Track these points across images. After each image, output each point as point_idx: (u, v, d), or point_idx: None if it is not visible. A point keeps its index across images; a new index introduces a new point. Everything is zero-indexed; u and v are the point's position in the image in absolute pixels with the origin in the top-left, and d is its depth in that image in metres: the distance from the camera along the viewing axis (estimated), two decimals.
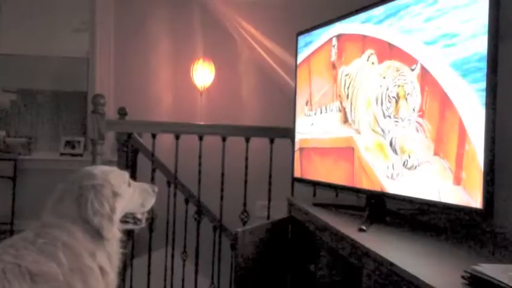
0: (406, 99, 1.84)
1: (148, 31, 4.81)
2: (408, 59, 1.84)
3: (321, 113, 2.44)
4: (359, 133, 2.14)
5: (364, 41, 2.11)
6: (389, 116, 1.93)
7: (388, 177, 1.94)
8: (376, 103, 2.00)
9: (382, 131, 1.99)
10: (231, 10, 4.65)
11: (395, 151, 1.90)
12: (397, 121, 1.89)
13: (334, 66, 2.34)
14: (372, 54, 2.04)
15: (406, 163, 1.84)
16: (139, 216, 1.82)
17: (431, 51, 1.75)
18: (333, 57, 2.35)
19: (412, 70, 1.82)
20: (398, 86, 1.88)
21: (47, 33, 4.99)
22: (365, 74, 2.10)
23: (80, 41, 5.01)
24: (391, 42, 1.94)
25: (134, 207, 1.78)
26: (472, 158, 1.56)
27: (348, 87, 2.21)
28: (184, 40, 4.81)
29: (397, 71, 1.89)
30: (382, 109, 1.97)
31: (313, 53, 2.53)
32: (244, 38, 4.69)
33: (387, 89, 1.93)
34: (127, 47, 4.78)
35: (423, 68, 1.77)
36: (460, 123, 1.61)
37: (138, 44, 4.79)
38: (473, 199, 1.56)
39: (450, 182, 1.65)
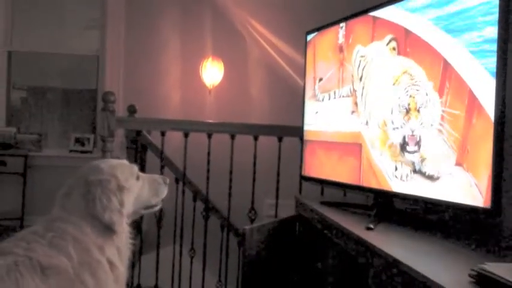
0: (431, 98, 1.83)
1: (158, 29, 4.84)
2: (431, 52, 1.75)
3: (329, 99, 2.39)
4: (367, 126, 2.10)
5: (378, 24, 2.04)
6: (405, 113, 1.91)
7: (398, 179, 1.92)
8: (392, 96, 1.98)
9: (393, 126, 1.93)
10: (240, 9, 4.66)
11: (407, 151, 1.88)
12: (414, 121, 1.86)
13: (341, 49, 2.31)
14: (392, 39, 1.95)
15: (422, 170, 1.79)
16: (153, 203, 1.81)
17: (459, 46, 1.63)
18: (340, 40, 2.31)
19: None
20: (413, 95, 1.86)
21: (57, 30, 5.03)
22: (383, 59, 2.01)
23: (90, 39, 5.05)
24: (413, 31, 1.84)
25: (146, 199, 1.77)
26: None
27: (363, 69, 2.13)
28: (193, 39, 4.84)
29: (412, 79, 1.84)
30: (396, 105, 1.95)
31: (318, 35, 2.53)
32: (253, 37, 4.70)
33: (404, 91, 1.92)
34: (137, 45, 4.82)
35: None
36: None
37: (148, 42, 4.82)
38: None
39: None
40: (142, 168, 3.69)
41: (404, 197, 1.91)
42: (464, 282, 1.20)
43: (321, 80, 2.47)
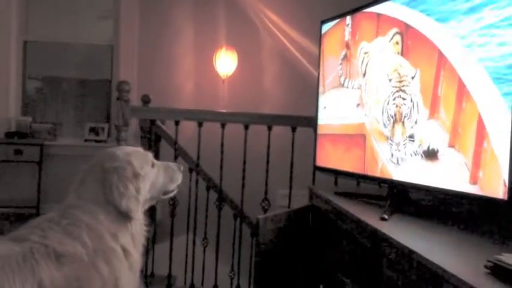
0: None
1: (172, 19, 4.83)
2: (433, 49, 1.77)
3: (345, 86, 2.43)
4: (368, 118, 2.16)
5: (381, 20, 2.07)
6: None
7: (396, 165, 1.93)
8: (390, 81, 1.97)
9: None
10: None
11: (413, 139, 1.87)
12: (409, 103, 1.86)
13: (348, 46, 2.33)
14: (396, 33, 1.97)
15: (423, 155, 1.81)
16: (170, 189, 1.81)
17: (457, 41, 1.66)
18: (347, 37, 2.34)
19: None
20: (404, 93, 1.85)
21: (71, 20, 5.04)
22: (385, 55, 2.05)
23: (104, 29, 5.06)
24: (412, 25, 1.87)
25: (162, 186, 1.77)
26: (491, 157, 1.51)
27: (367, 65, 2.18)
28: (207, 28, 4.83)
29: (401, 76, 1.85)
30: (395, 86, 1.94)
31: (326, 33, 2.55)
32: (267, 27, 4.68)
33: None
34: (151, 35, 4.82)
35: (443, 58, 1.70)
36: (480, 120, 1.55)
37: (161, 31, 4.82)
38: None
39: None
40: (156, 158, 3.69)
41: (418, 187, 1.89)
42: (480, 273, 1.19)
43: (328, 77, 2.47)
